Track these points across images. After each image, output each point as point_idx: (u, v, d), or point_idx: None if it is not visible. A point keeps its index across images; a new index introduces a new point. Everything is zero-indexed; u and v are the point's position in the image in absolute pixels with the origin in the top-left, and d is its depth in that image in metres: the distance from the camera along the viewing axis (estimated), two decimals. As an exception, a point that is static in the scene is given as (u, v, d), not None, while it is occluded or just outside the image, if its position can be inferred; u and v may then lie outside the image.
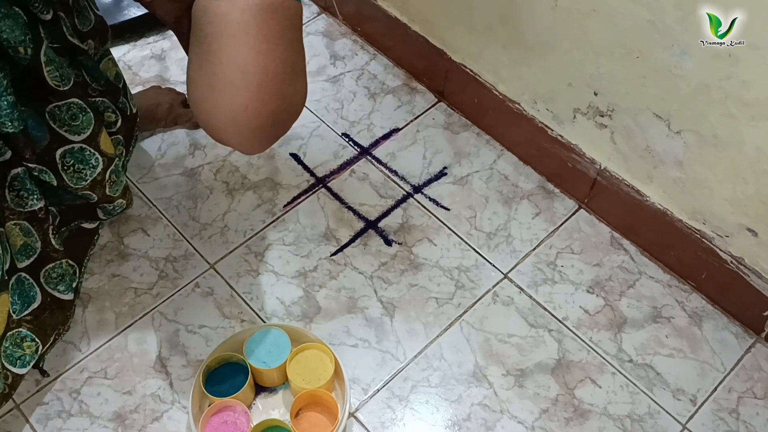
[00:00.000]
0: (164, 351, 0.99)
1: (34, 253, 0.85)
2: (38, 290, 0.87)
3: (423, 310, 1.04)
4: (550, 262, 1.09)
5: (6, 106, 0.73)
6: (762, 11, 0.75)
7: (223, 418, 0.89)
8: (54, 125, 0.82)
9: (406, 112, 1.25)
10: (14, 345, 0.84)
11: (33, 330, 0.86)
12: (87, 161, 0.86)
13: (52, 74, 0.78)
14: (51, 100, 0.80)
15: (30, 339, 0.86)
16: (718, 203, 0.96)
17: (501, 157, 1.20)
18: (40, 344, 0.87)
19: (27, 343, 0.85)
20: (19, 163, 0.81)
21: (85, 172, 0.87)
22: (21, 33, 0.73)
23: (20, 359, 0.85)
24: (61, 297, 0.91)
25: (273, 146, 1.20)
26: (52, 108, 0.81)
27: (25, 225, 0.83)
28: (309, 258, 1.08)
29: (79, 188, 0.88)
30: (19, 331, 0.84)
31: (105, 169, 0.89)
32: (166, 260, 1.07)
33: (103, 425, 0.93)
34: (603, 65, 0.97)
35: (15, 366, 0.84)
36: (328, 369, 0.92)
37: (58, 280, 0.90)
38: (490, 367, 0.99)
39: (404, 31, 1.24)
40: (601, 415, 0.96)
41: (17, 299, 0.83)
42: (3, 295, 0.79)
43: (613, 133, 1.03)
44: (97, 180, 0.89)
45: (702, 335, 1.03)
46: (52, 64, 0.78)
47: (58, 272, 0.90)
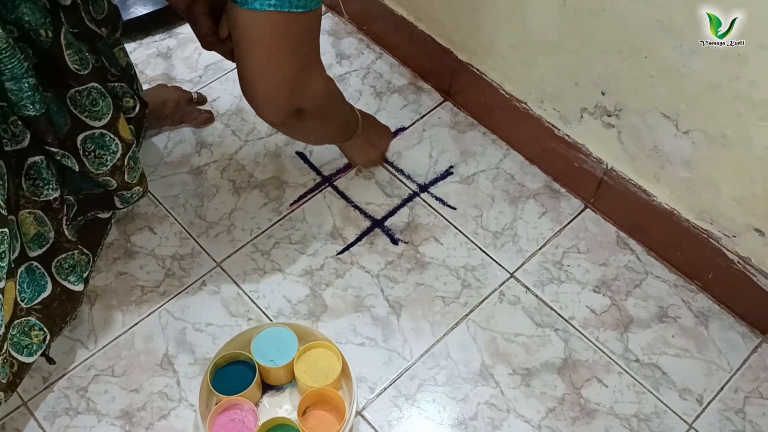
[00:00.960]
0: (171, 349, 0.99)
1: (46, 242, 0.86)
2: (49, 280, 0.87)
3: (429, 309, 1.04)
4: (556, 262, 1.09)
5: (27, 88, 0.75)
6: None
7: (230, 416, 0.89)
8: (75, 111, 0.83)
9: (412, 111, 1.25)
10: (22, 333, 0.84)
11: (42, 319, 0.86)
12: (107, 147, 0.87)
13: (72, 58, 0.80)
14: (72, 85, 0.81)
15: (38, 328, 0.86)
16: (725, 203, 0.96)
17: (507, 157, 1.20)
18: (48, 334, 0.87)
19: (35, 332, 0.86)
20: (37, 151, 0.82)
21: (105, 157, 0.88)
22: (41, 16, 0.75)
23: (27, 348, 0.85)
24: (71, 288, 0.91)
25: (280, 145, 1.21)
26: (73, 93, 0.82)
27: (39, 214, 0.84)
28: (315, 256, 1.08)
29: (101, 173, 0.89)
30: (27, 319, 0.85)
31: (124, 155, 0.90)
32: (173, 258, 1.07)
33: (110, 423, 0.93)
34: (611, 65, 0.96)
35: (21, 354, 0.84)
36: (335, 367, 0.92)
37: (70, 271, 0.90)
38: (497, 366, 0.99)
39: (411, 30, 1.24)
40: (607, 415, 0.96)
41: (26, 288, 0.84)
42: (9, 282, 0.80)
43: (621, 132, 1.02)
44: (117, 165, 0.90)
45: (708, 335, 1.03)
46: (72, 48, 0.80)
47: (70, 263, 0.90)
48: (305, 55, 0.78)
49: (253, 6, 0.70)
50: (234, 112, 1.24)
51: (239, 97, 1.25)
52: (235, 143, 1.20)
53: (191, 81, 1.28)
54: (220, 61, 1.30)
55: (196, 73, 1.29)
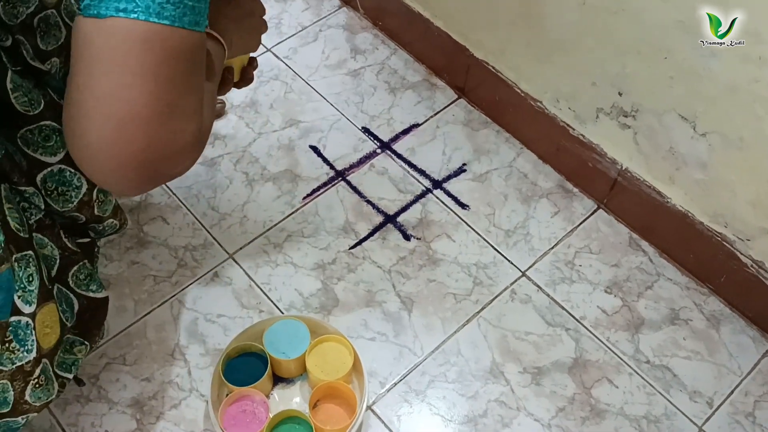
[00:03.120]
0: (183, 339, 0.99)
1: (55, 261, 0.82)
2: (73, 295, 0.84)
3: (441, 305, 1.04)
4: (568, 261, 1.09)
5: None
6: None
7: (241, 407, 0.90)
8: (28, 150, 0.76)
9: (426, 107, 1.25)
10: (65, 352, 0.83)
11: (80, 334, 0.85)
12: (69, 182, 0.80)
13: (20, 100, 0.73)
14: (21, 125, 0.74)
15: (79, 343, 0.85)
16: (740, 206, 0.95)
17: (520, 155, 1.20)
18: (89, 345, 0.86)
19: (77, 347, 0.84)
20: None
21: (69, 194, 0.81)
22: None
23: (74, 364, 0.84)
24: (96, 296, 0.88)
25: (293, 138, 1.21)
26: (24, 132, 0.75)
27: (37, 237, 0.80)
28: (328, 250, 1.08)
29: (67, 210, 0.82)
30: (67, 338, 0.83)
31: (91, 189, 0.83)
32: (185, 249, 1.07)
33: (121, 411, 0.93)
34: (628, 64, 0.96)
35: (70, 372, 0.83)
36: (346, 361, 0.92)
37: (89, 281, 0.87)
38: (507, 365, 0.99)
39: (426, 26, 1.24)
40: (617, 415, 0.96)
41: (66, 307, 0.81)
42: (50, 305, 0.76)
43: (637, 133, 1.02)
44: (84, 201, 0.83)
45: (719, 338, 1.03)
46: (19, 90, 0.73)
47: (84, 273, 0.87)
48: (174, 91, 0.54)
49: (97, 11, 0.51)
50: (248, 105, 1.24)
51: (253, 89, 1.25)
52: (249, 135, 1.20)
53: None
54: (235, 53, 1.30)
55: (210, 65, 1.29)
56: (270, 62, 1.30)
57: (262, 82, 1.27)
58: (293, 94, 1.26)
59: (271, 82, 1.27)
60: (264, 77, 1.27)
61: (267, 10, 0.85)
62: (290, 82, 1.27)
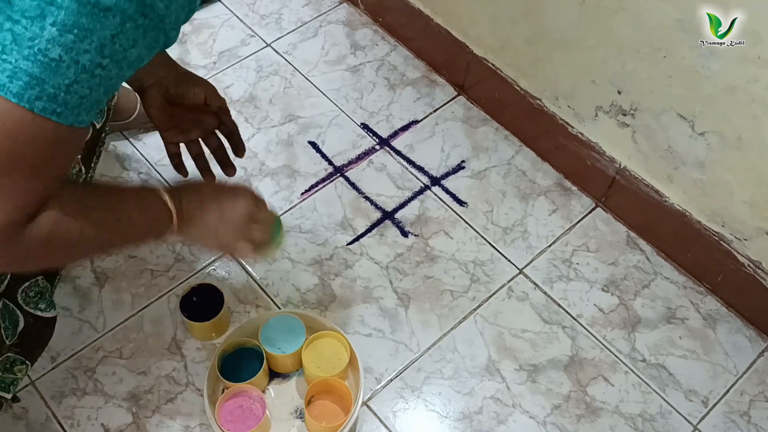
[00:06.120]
0: (179, 333, 1.00)
1: (5, 274, 0.79)
2: (19, 312, 0.81)
3: (437, 302, 1.04)
4: (565, 260, 1.09)
5: None
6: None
7: (238, 403, 0.90)
8: None
9: (425, 104, 1.25)
10: (4, 371, 0.81)
11: (21, 353, 0.82)
12: None
13: None
14: None
15: (20, 362, 0.83)
16: (738, 206, 0.95)
17: (519, 153, 1.20)
18: (29, 364, 0.84)
19: (18, 367, 0.82)
20: None
21: None
22: None
23: (13, 384, 0.82)
24: (44, 315, 0.85)
25: (292, 134, 1.20)
26: None
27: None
28: (325, 246, 1.08)
29: None
30: (7, 356, 0.81)
31: None
32: (183, 243, 1.07)
33: (117, 404, 0.94)
34: (628, 63, 0.96)
35: (8, 392, 0.81)
36: (343, 358, 0.92)
37: (38, 299, 0.84)
38: (503, 362, 0.99)
39: (426, 23, 1.24)
40: (612, 413, 0.96)
41: (9, 324, 0.79)
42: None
43: (635, 132, 1.02)
44: None
45: (715, 337, 1.03)
46: None
47: (35, 291, 0.84)
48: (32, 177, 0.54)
49: None
50: (247, 100, 1.24)
51: (252, 85, 1.25)
52: (248, 131, 1.20)
53: (205, 67, 1.28)
54: (234, 47, 1.30)
55: (210, 59, 1.29)
56: (269, 57, 1.30)
57: (261, 78, 1.26)
58: (292, 90, 1.26)
59: (270, 78, 1.27)
60: (263, 72, 1.27)
61: (267, 6, 0.84)
62: (290, 77, 1.27)
